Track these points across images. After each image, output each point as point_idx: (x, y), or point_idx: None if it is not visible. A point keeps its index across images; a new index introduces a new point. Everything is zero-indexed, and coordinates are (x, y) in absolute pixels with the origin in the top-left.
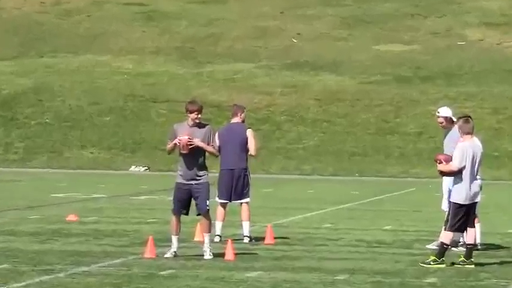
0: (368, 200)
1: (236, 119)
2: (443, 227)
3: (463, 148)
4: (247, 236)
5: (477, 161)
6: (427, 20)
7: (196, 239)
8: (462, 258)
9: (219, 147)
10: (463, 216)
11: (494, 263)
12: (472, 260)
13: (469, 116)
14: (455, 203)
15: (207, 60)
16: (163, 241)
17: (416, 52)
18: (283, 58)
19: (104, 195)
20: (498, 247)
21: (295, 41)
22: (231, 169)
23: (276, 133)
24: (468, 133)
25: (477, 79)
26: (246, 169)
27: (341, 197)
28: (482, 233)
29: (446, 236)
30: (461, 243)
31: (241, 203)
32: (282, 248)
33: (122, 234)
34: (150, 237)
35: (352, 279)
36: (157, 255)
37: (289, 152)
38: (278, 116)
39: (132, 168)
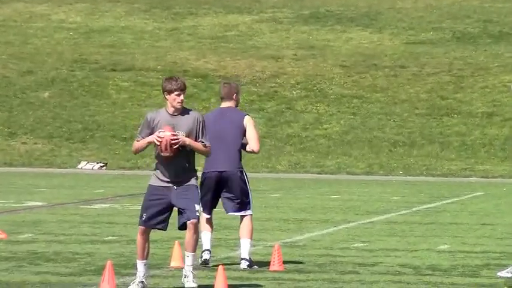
0: (416, 208)
1: (229, 103)
2: None
3: None
4: (245, 259)
5: None
6: None
7: (173, 263)
8: None
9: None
10: None
11: None
12: None
13: None
14: None
15: (188, 11)
16: (127, 267)
17: None
18: (296, 8)
19: (42, 203)
20: None
21: None
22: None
23: (286, 114)
24: None
25: None
26: (241, 170)
27: (378, 204)
28: None
29: None
30: None
31: (242, 217)
32: (295, 276)
33: (69, 258)
34: (109, 262)
35: None
36: None
37: (305, 141)
38: (289, 90)
39: (83, 164)
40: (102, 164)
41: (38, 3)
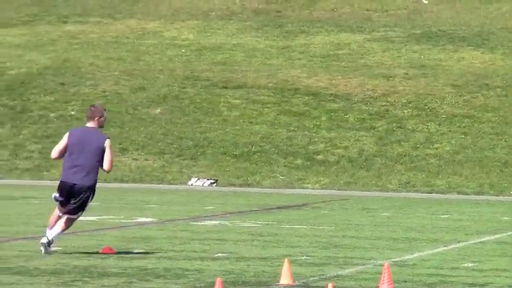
0: None
1: (92, 124)
2: None
3: None
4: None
5: None
6: None
7: (283, 281)
8: None
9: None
10: None
11: None
12: None
13: None
14: None
15: (300, 29)
16: (236, 284)
17: None
18: (408, 27)
19: (152, 219)
20: None
21: (426, 2)
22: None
23: (396, 133)
24: None
25: None
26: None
27: (488, 224)
28: None
29: None
30: None
31: None
32: None
33: (179, 274)
34: (218, 279)
35: None
36: None
37: (416, 160)
38: (400, 109)
39: (193, 181)
40: (212, 181)
41: (150, 20)
